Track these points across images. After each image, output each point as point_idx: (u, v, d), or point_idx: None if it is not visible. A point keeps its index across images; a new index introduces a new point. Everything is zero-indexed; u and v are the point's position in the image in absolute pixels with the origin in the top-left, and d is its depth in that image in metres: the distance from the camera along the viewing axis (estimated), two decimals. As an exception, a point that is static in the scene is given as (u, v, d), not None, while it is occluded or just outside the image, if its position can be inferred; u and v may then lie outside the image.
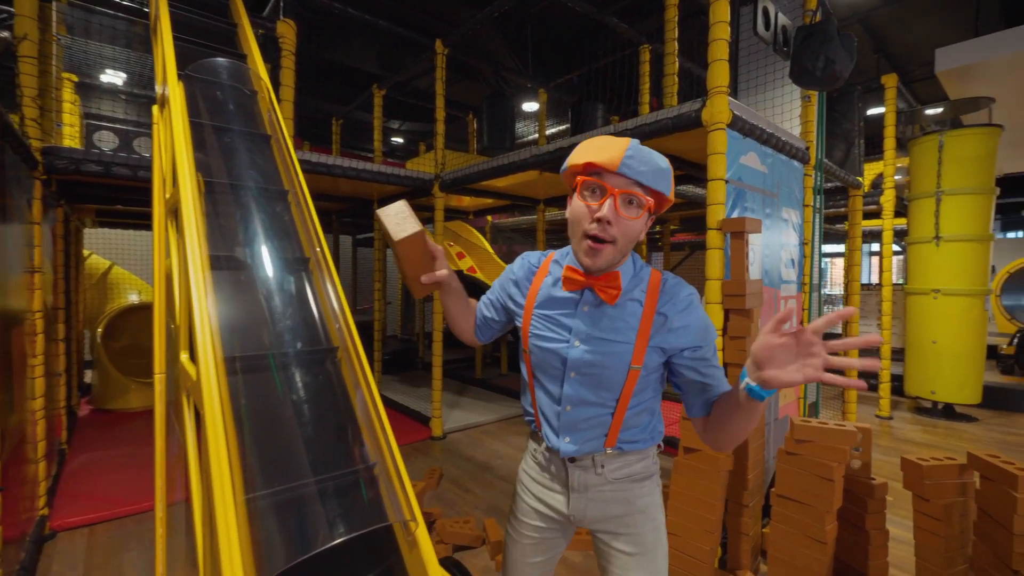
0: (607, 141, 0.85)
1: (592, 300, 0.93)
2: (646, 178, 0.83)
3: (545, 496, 1.03)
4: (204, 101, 1.33)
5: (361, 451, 0.85)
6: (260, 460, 0.77)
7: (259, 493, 0.74)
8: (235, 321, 0.93)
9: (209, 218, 1.09)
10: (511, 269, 1.08)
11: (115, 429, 3.97)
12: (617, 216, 0.83)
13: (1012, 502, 1.49)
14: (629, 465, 0.99)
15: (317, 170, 3.33)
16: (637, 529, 0.99)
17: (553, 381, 0.97)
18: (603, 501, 0.99)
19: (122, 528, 2.47)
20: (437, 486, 2.98)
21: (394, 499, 0.82)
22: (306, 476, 0.77)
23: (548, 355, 0.95)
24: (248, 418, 0.81)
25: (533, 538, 1.06)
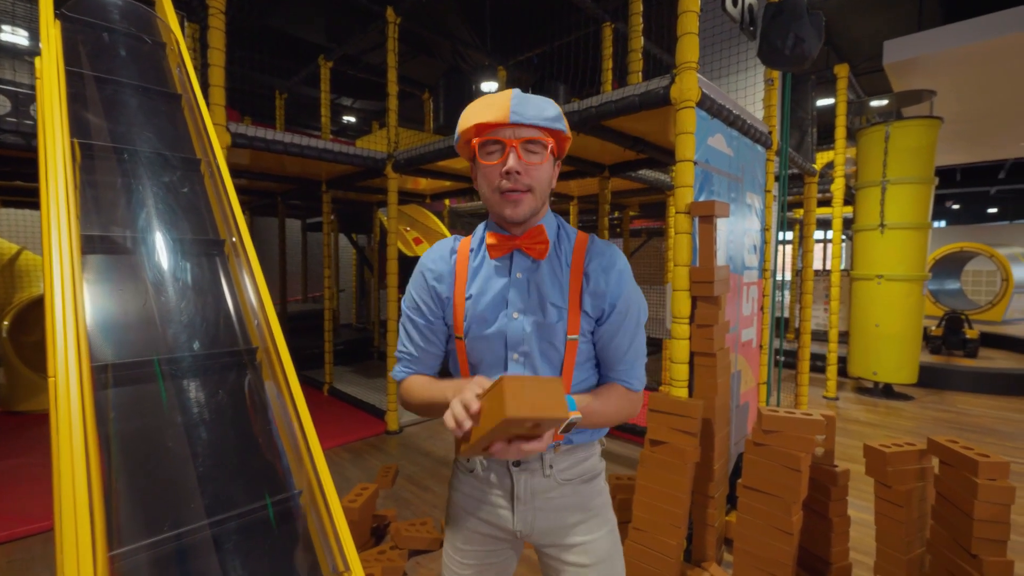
0: (489, 99, 0.82)
1: (524, 264, 0.87)
2: (539, 120, 0.79)
3: (486, 514, 0.90)
4: (85, 46, 1.08)
5: (277, 480, 0.68)
6: (134, 501, 0.59)
7: (129, 547, 0.56)
8: (111, 319, 0.73)
9: (84, 189, 0.87)
10: (424, 268, 0.91)
11: (28, 433, 3.55)
12: (524, 165, 0.80)
13: (972, 487, 1.49)
14: (579, 463, 0.91)
15: (255, 145, 3.02)
16: (591, 536, 0.91)
17: (495, 368, 0.87)
18: (553, 509, 0.89)
19: (27, 549, 2.17)
20: (392, 485, 2.81)
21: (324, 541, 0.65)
22: (197, 519, 0.59)
23: (487, 339, 0.86)
24: (120, 445, 0.62)
25: (479, 565, 0.93)
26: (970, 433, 3.74)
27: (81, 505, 0.56)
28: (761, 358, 2.83)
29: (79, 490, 0.57)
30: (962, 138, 7.55)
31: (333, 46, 4.83)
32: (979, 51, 4.53)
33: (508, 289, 0.86)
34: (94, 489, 0.58)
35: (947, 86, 5.29)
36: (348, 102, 8.35)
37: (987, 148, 8.59)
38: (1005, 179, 14.94)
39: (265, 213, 6.77)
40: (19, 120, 2.16)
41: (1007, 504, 1.46)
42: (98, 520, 0.57)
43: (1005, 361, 6.59)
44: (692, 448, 1.84)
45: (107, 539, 0.56)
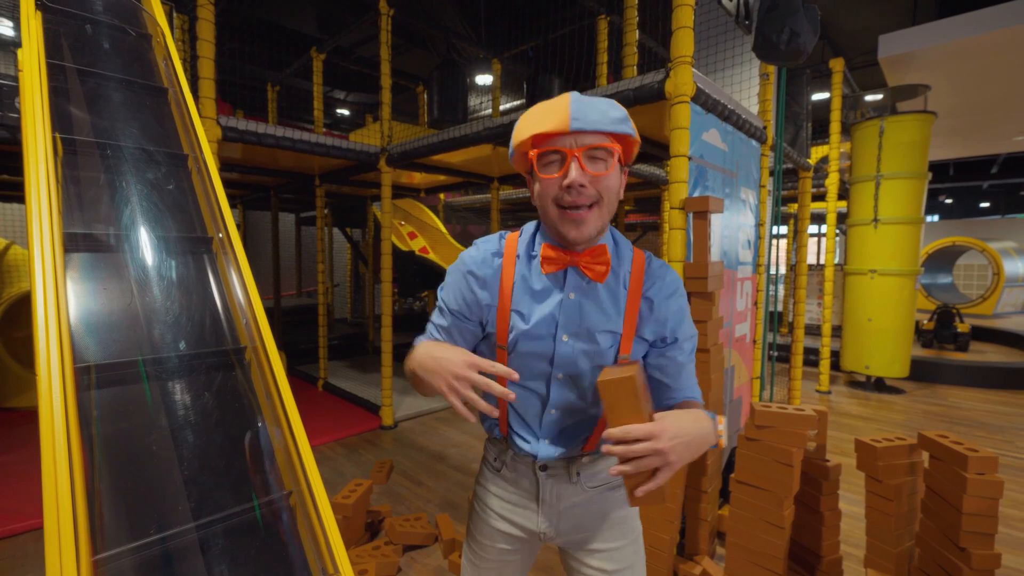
0: (546, 106, 0.74)
1: (577, 284, 0.80)
2: (603, 125, 0.71)
3: (511, 514, 0.90)
4: (68, 38, 1.06)
5: (266, 481, 0.67)
6: (119, 504, 0.58)
7: (113, 551, 0.55)
8: (94, 318, 0.71)
9: (67, 185, 0.85)
10: (466, 270, 0.84)
11: (17, 430, 3.52)
12: (588, 176, 0.72)
13: (961, 481, 1.50)
14: (605, 470, 0.89)
15: (247, 139, 2.99)
16: (615, 543, 0.90)
17: (537, 382, 0.84)
18: (578, 515, 0.88)
19: (19, 547, 2.16)
20: (387, 480, 2.82)
21: (312, 542, 0.65)
22: (183, 522, 0.59)
23: (532, 356, 0.82)
24: (104, 446, 0.62)
25: (498, 562, 0.94)
26: (960, 426, 3.78)
27: (64, 508, 0.55)
28: (754, 353, 2.84)
29: (62, 493, 0.56)
30: (955, 133, 7.58)
31: (325, 38, 4.77)
32: (972, 45, 4.54)
33: (559, 309, 0.80)
34: (78, 492, 0.57)
35: (941, 80, 5.30)
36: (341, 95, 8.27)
37: (980, 143, 8.63)
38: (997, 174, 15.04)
39: (258, 207, 6.72)
40: (4, 113, 2.12)
41: (995, 498, 1.47)
42: (82, 523, 0.56)
43: (995, 355, 6.66)
44: (685, 443, 1.84)
45: (91, 542, 0.55)
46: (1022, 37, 4.31)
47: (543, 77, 4.18)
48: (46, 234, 0.76)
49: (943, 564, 1.58)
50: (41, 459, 0.59)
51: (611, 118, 0.72)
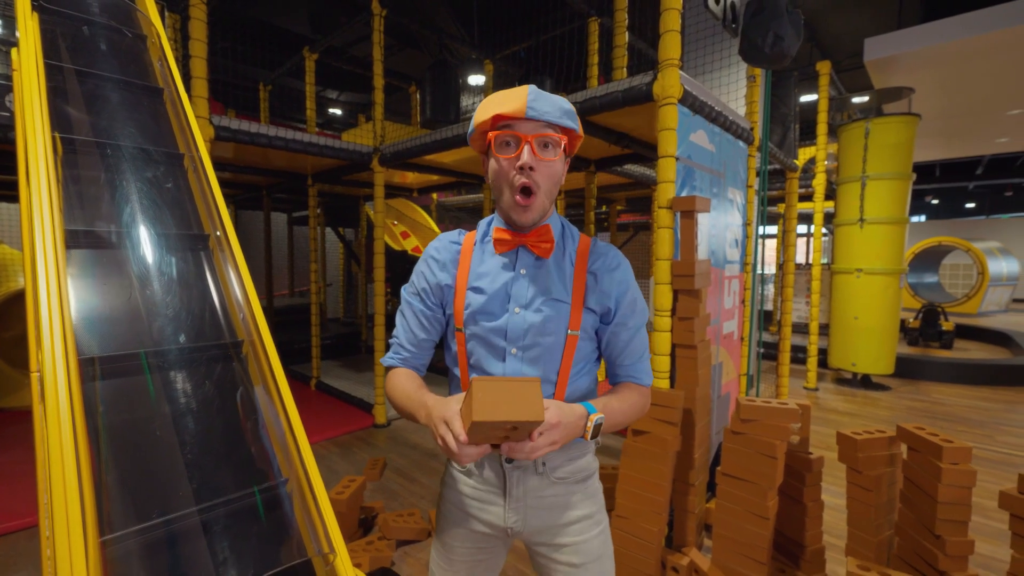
0: (506, 93, 0.83)
1: (528, 260, 0.89)
2: (554, 117, 0.81)
3: (478, 511, 0.91)
4: (65, 39, 1.08)
5: (264, 468, 0.70)
6: (124, 490, 0.61)
7: (119, 533, 0.58)
8: (97, 312, 0.74)
9: (67, 184, 0.87)
10: (428, 255, 0.94)
11: (8, 430, 3.50)
12: (537, 160, 0.81)
13: (936, 471, 1.56)
14: (572, 461, 0.91)
15: (239, 139, 2.99)
16: (582, 536, 0.91)
17: (493, 361, 0.88)
18: (545, 508, 0.90)
19: (12, 545, 2.16)
20: (380, 477, 2.84)
21: (309, 523, 0.68)
22: (186, 505, 0.61)
23: (488, 332, 0.87)
24: (109, 435, 0.64)
25: (467, 562, 0.95)
26: (943, 421, 3.87)
27: (72, 493, 0.58)
28: (742, 350, 2.90)
29: (69, 479, 0.58)
30: (941, 134, 7.72)
31: (318, 37, 4.77)
32: (956, 49, 4.64)
33: (511, 284, 0.88)
34: (84, 478, 0.60)
35: (926, 83, 5.40)
36: (334, 95, 8.25)
37: (964, 144, 8.79)
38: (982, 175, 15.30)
39: (250, 207, 6.69)
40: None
41: (968, 487, 1.53)
42: (88, 508, 0.58)
43: (979, 352, 6.80)
44: (673, 437, 1.89)
45: (98, 525, 0.58)
46: (1003, 41, 4.41)
47: (535, 78, 4.22)
48: (47, 231, 0.78)
49: (920, 552, 1.64)
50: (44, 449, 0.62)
51: (561, 111, 0.82)
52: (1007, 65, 4.93)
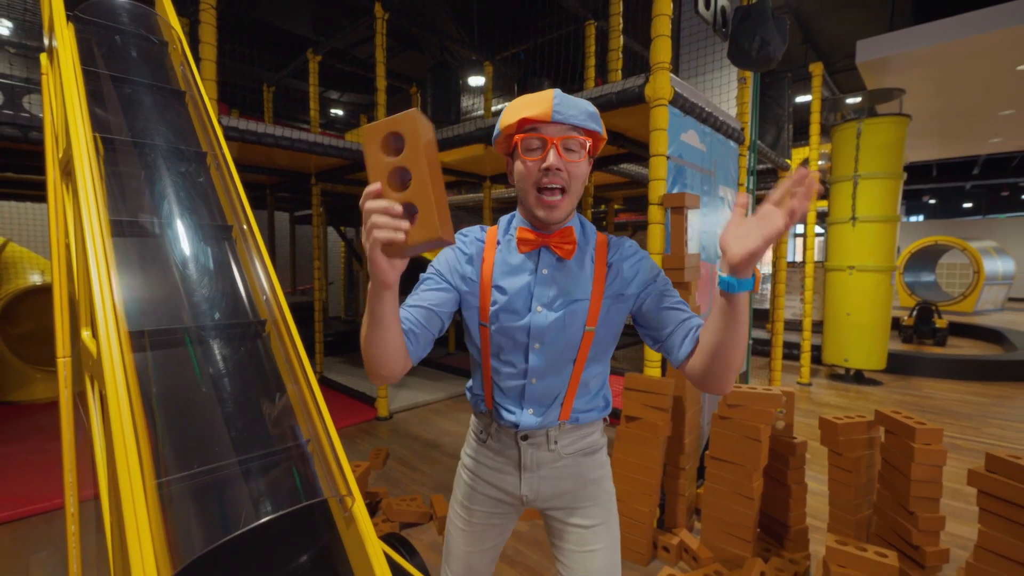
0: (532, 97, 0.86)
1: (550, 261, 0.92)
2: (579, 120, 0.84)
3: (495, 479, 1.00)
4: (100, 47, 1.17)
5: (291, 428, 0.80)
6: (173, 441, 0.70)
7: (172, 477, 0.67)
8: (142, 292, 0.83)
9: (110, 180, 0.97)
10: (457, 248, 0.96)
11: (18, 423, 3.59)
12: (564, 163, 0.84)
13: (910, 451, 1.65)
14: (582, 439, 0.99)
15: (246, 139, 3.09)
16: (590, 502, 0.99)
17: (516, 354, 0.93)
18: (556, 478, 0.98)
19: (30, 528, 2.25)
20: (383, 466, 2.93)
21: (328, 475, 0.77)
22: (227, 456, 0.71)
23: (511, 328, 0.92)
24: (159, 396, 0.74)
25: (483, 525, 1.03)
26: (931, 414, 3.96)
27: (128, 441, 0.67)
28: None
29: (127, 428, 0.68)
30: (935, 134, 7.82)
31: (321, 39, 4.87)
32: (947, 51, 4.74)
33: (534, 284, 0.91)
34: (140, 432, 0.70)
35: (918, 84, 5.51)
36: (336, 95, 8.35)
37: (958, 144, 8.89)
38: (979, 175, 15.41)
39: (254, 206, 6.79)
40: (16, 112, 2.21)
41: (939, 466, 1.63)
42: (145, 456, 0.68)
43: (972, 349, 6.90)
44: (664, 423, 1.99)
45: (154, 470, 0.68)
46: (993, 43, 4.51)
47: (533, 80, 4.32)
48: (95, 223, 0.88)
49: (896, 528, 1.73)
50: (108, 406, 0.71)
51: (586, 114, 0.85)
52: (997, 66, 5.03)
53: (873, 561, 1.60)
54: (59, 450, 3.07)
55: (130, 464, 0.65)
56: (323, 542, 0.81)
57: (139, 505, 0.63)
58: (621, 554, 1.97)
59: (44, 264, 4.89)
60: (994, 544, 1.49)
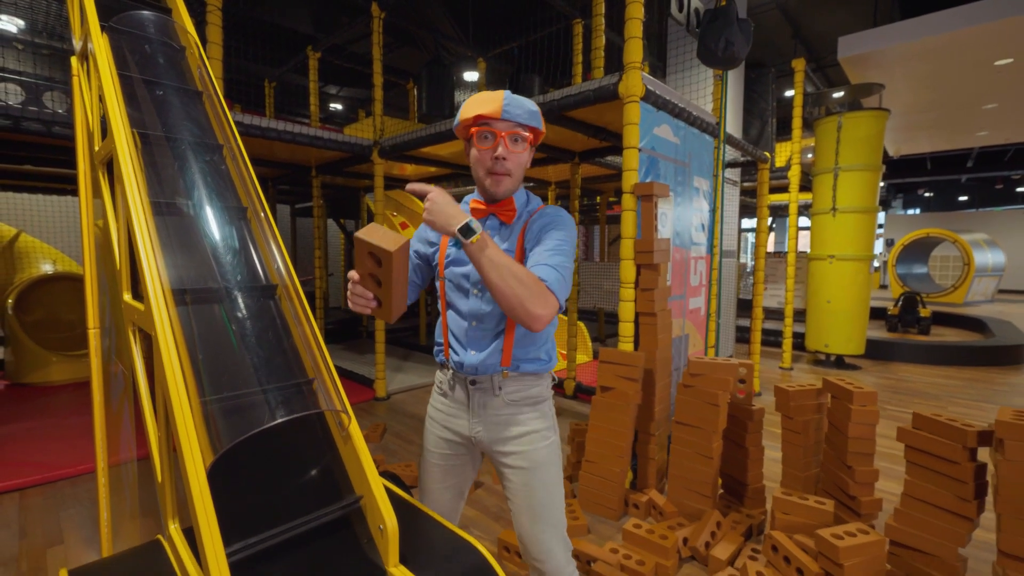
0: (486, 96, 1.05)
1: (494, 224, 1.13)
2: (523, 119, 1.04)
3: (449, 423, 1.18)
4: (132, 55, 1.36)
5: (300, 366, 1.00)
6: (210, 372, 0.90)
7: (211, 398, 0.87)
8: (180, 260, 1.03)
9: (148, 169, 1.16)
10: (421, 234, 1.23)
11: (37, 402, 3.79)
12: (509, 152, 1.05)
13: (847, 412, 1.86)
14: (525, 389, 1.13)
15: (251, 133, 3.27)
16: (531, 446, 1.13)
17: (462, 299, 1.13)
18: (499, 423, 1.13)
19: (57, 491, 2.46)
20: (380, 439, 3.14)
21: (328, 400, 0.97)
22: (252, 386, 0.91)
23: (458, 276, 1.13)
24: (199, 338, 0.94)
25: (442, 465, 1.20)
26: (903, 395, 4.17)
27: (176, 368, 0.87)
28: (709, 325, 3.19)
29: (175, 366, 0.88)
30: (922, 128, 7.98)
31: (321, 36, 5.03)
32: (926, 47, 4.90)
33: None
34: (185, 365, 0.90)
35: (901, 79, 5.67)
36: (335, 90, 8.50)
37: (947, 138, 9.05)
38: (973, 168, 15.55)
39: (255, 198, 6.95)
40: (40, 108, 2.39)
41: (872, 424, 1.83)
42: (190, 383, 0.88)
43: (955, 337, 7.10)
44: (635, 392, 2.19)
45: (198, 392, 0.88)
46: (970, 39, 4.67)
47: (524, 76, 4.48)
48: (139, 205, 1.07)
49: (837, 481, 1.94)
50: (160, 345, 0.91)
51: (529, 113, 1.05)
52: (977, 62, 5.19)
53: (812, 508, 1.81)
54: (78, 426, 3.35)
55: (179, 387, 0.85)
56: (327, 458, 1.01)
57: (187, 415, 0.83)
58: (596, 511, 2.18)
59: (55, 254, 5.08)
60: (918, 491, 1.69)
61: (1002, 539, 1.50)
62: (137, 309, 1.05)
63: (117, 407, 1.62)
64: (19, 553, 1.93)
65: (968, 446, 1.57)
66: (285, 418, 0.85)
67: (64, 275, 4.74)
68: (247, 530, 0.83)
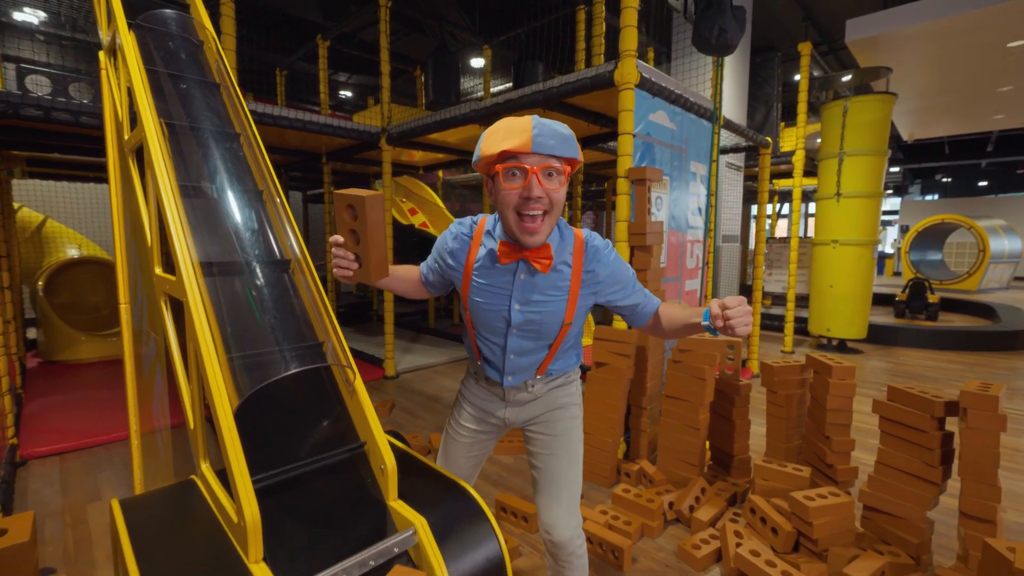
0: (511, 124, 0.92)
1: (527, 269, 1.04)
2: (557, 150, 0.91)
3: (484, 405, 1.24)
4: (157, 51, 1.49)
5: (311, 330, 1.13)
6: (235, 335, 1.04)
7: (235, 355, 1.01)
8: (206, 237, 1.16)
9: (175, 155, 1.29)
10: (444, 240, 1.14)
11: (68, 378, 4.02)
12: (544, 190, 0.92)
13: (827, 386, 1.96)
14: (556, 388, 1.22)
15: (263, 121, 3.39)
16: (555, 418, 1.22)
17: (496, 335, 1.12)
18: (531, 406, 1.22)
19: (92, 455, 2.66)
20: (389, 414, 3.31)
21: (335, 357, 1.11)
22: (270, 346, 1.05)
23: (490, 316, 1.09)
24: (224, 305, 1.07)
25: (470, 438, 1.28)
26: (900, 378, 4.23)
27: (207, 334, 1.01)
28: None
29: (204, 326, 1.01)
30: (933, 112, 7.85)
31: (330, 24, 5.11)
32: (936, 29, 4.84)
33: (512, 287, 1.04)
34: (212, 327, 1.03)
35: (910, 62, 5.61)
36: (344, 78, 8.59)
37: (963, 121, 8.88)
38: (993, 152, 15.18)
39: (268, 185, 7.12)
40: (68, 99, 2.54)
41: (849, 397, 1.94)
42: (217, 342, 1.02)
43: (962, 323, 7.08)
44: (627, 367, 2.31)
45: (225, 350, 1.01)
46: (980, 20, 4.61)
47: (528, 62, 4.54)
48: (169, 188, 1.21)
49: (816, 451, 2.05)
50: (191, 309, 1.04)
51: (561, 140, 0.91)
52: (988, 44, 5.12)
53: (791, 474, 1.93)
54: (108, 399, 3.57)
55: (208, 345, 0.99)
56: (336, 411, 1.15)
57: (216, 368, 0.97)
58: (590, 479, 2.32)
59: (79, 239, 5.29)
60: (890, 459, 1.79)
61: (962, 501, 1.61)
62: (169, 280, 1.19)
63: (149, 373, 1.77)
64: (63, 507, 2.13)
65: (936, 416, 1.67)
66: (298, 369, 0.99)
67: (88, 259, 4.95)
68: (267, 466, 0.97)
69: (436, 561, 0.89)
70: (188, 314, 1.03)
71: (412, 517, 0.93)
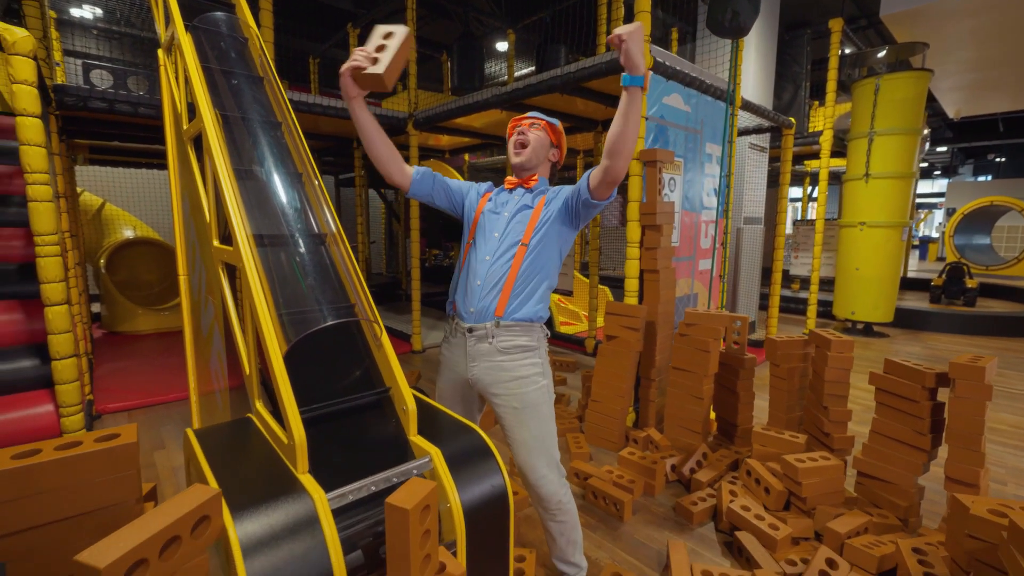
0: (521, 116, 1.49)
1: (520, 192, 1.45)
2: (537, 116, 1.47)
3: (452, 364, 1.44)
4: (211, 50, 1.68)
5: (344, 294, 1.32)
6: (283, 295, 1.24)
7: (284, 312, 1.21)
8: (257, 213, 1.36)
9: (227, 143, 1.49)
10: (472, 183, 1.56)
11: (129, 347, 4.43)
12: (526, 130, 1.44)
13: (825, 358, 2.05)
14: (514, 337, 1.33)
15: (299, 109, 3.61)
16: (521, 390, 1.33)
17: (484, 246, 1.38)
18: (493, 368, 1.34)
19: (155, 412, 2.99)
20: (416, 383, 3.54)
21: (364, 314, 1.30)
22: (312, 305, 1.24)
23: (487, 226, 1.42)
24: (274, 270, 1.27)
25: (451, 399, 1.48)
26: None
27: (261, 295, 1.20)
28: (720, 286, 3.36)
29: (257, 288, 1.21)
30: (980, 87, 7.46)
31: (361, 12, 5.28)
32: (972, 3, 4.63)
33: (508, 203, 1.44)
34: (264, 288, 1.23)
35: (951, 36, 5.37)
36: (373, 62, 8.77)
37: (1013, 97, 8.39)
38: (1054, 129, 14.19)
39: (302, 170, 7.43)
40: (128, 92, 2.81)
41: (846, 369, 2.02)
42: (269, 300, 1.21)
43: (1001, 308, 6.83)
44: (636, 340, 2.44)
45: (275, 307, 1.21)
46: (1027, -9, 4.39)
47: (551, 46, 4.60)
48: (225, 171, 1.40)
49: (815, 421, 2.15)
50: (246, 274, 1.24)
51: (542, 114, 1.47)
52: (1037, 14, 4.85)
53: (787, 440, 2.04)
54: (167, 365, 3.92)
55: (261, 302, 1.19)
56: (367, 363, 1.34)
57: (267, 322, 1.17)
58: (599, 444, 2.48)
59: (134, 221, 5.72)
60: (883, 428, 1.89)
61: (948, 466, 1.70)
62: (226, 250, 1.39)
63: (207, 336, 2.02)
64: (133, 453, 2.44)
65: (927, 386, 1.75)
66: (335, 321, 1.18)
67: (143, 240, 5.36)
68: (310, 401, 1.18)
69: (448, 484, 1.08)
70: (244, 278, 1.23)
71: (429, 448, 1.12)
